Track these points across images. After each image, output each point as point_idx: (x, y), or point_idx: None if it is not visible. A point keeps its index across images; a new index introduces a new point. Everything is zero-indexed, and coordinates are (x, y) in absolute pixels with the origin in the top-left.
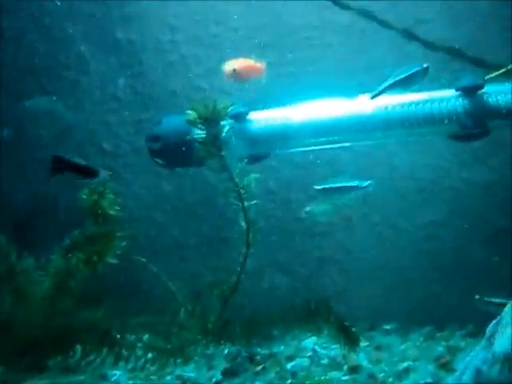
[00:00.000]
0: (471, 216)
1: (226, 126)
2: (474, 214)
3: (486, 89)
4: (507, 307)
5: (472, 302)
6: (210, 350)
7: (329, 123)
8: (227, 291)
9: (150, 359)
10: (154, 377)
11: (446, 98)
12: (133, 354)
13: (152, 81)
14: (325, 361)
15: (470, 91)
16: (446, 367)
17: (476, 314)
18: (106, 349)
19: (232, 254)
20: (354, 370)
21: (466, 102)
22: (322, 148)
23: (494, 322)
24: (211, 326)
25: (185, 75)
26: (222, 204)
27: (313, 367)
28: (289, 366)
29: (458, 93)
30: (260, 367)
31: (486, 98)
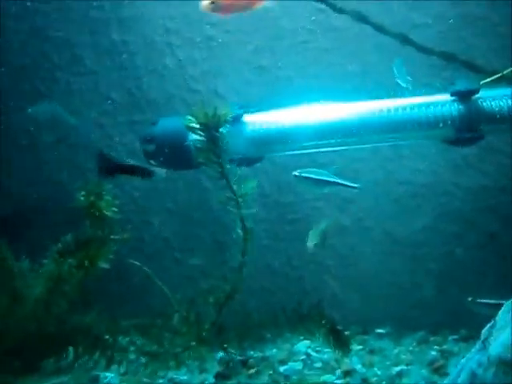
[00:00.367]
0: (464, 221)
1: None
2: (466, 219)
3: (481, 94)
4: (501, 311)
5: (465, 307)
6: (203, 354)
7: (324, 126)
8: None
9: (143, 363)
10: (146, 379)
11: (441, 102)
12: (125, 359)
13: (147, 83)
14: (318, 364)
15: (465, 96)
16: (440, 371)
17: (469, 318)
18: (98, 351)
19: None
20: (348, 373)
21: (461, 106)
22: (317, 151)
23: (488, 325)
24: (205, 334)
25: (180, 77)
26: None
27: (306, 371)
28: (282, 369)
29: (453, 98)
30: (253, 370)
31: (480, 103)
